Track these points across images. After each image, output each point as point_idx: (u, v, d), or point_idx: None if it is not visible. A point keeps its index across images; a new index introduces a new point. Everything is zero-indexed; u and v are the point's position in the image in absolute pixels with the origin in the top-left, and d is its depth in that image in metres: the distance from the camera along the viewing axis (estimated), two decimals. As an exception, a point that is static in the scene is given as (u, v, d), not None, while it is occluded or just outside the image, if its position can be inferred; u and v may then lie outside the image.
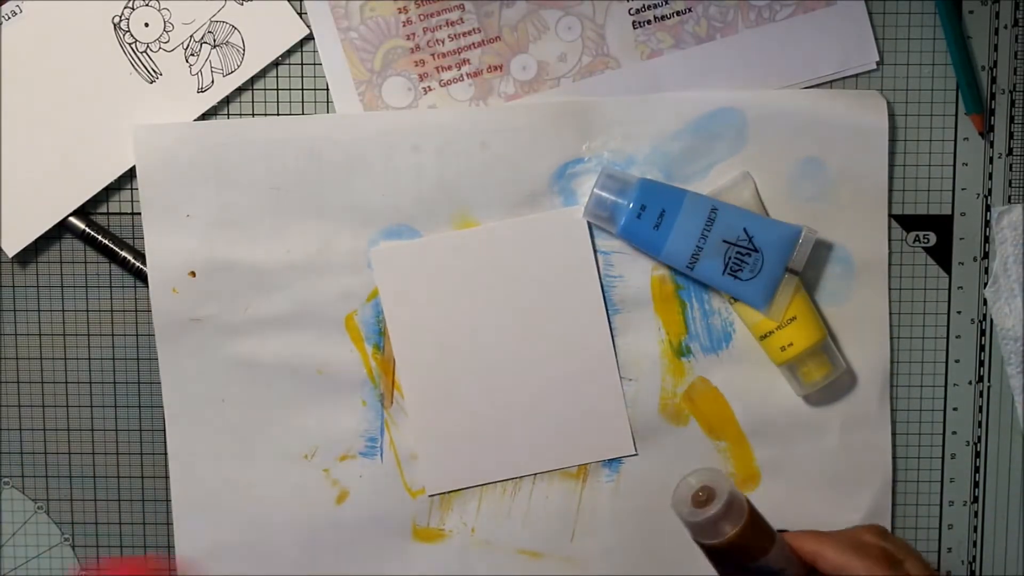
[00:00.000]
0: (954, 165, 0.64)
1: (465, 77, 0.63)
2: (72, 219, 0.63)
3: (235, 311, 0.64)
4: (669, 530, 0.62)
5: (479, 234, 0.63)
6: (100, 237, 0.63)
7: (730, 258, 0.61)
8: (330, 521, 0.64)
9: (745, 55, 0.63)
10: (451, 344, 0.64)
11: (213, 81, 0.63)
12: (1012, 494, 0.66)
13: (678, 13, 0.63)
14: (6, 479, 0.66)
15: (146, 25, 0.63)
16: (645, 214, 0.61)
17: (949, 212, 0.64)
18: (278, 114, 0.64)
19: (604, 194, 0.61)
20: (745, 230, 0.61)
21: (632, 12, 0.63)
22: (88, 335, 0.65)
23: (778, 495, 0.65)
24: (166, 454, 0.65)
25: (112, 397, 0.65)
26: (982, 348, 0.65)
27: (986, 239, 0.65)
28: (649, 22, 0.63)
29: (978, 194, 0.64)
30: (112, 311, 0.65)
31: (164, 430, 0.64)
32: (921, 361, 0.65)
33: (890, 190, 0.64)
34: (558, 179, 0.63)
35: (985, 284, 0.65)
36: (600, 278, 0.63)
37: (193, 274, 0.63)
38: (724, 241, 0.60)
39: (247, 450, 0.64)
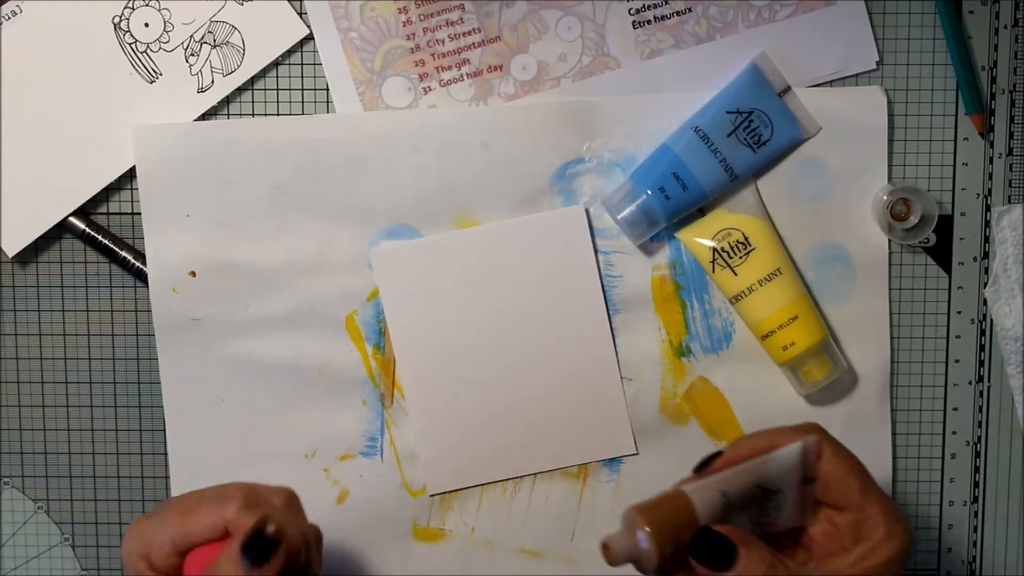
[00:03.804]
0: (954, 165, 0.64)
1: (465, 77, 0.63)
2: (72, 219, 0.63)
3: (235, 311, 0.64)
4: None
5: (479, 234, 0.63)
6: (100, 237, 0.63)
7: (746, 139, 0.61)
8: (330, 521, 0.64)
9: (745, 55, 0.63)
10: (451, 344, 0.64)
11: (213, 81, 0.63)
12: (1012, 494, 0.66)
13: (678, 13, 0.63)
14: (6, 479, 0.65)
15: (146, 25, 0.63)
16: (666, 188, 0.60)
17: (949, 212, 0.64)
18: (278, 114, 0.64)
19: (626, 212, 0.61)
20: (725, 111, 0.61)
21: (632, 12, 0.63)
22: (88, 335, 0.65)
23: (778, 495, 0.65)
24: (166, 454, 0.65)
25: (112, 397, 0.65)
26: (982, 348, 0.65)
27: (986, 239, 0.65)
28: (649, 22, 0.63)
29: (978, 194, 0.64)
30: (112, 311, 0.65)
31: (164, 430, 0.64)
32: (921, 361, 0.65)
33: (890, 190, 0.64)
34: (558, 179, 0.63)
35: (985, 284, 0.65)
36: (600, 278, 0.63)
37: (193, 274, 0.63)
38: (727, 136, 0.60)
39: (247, 450, 0.64)
